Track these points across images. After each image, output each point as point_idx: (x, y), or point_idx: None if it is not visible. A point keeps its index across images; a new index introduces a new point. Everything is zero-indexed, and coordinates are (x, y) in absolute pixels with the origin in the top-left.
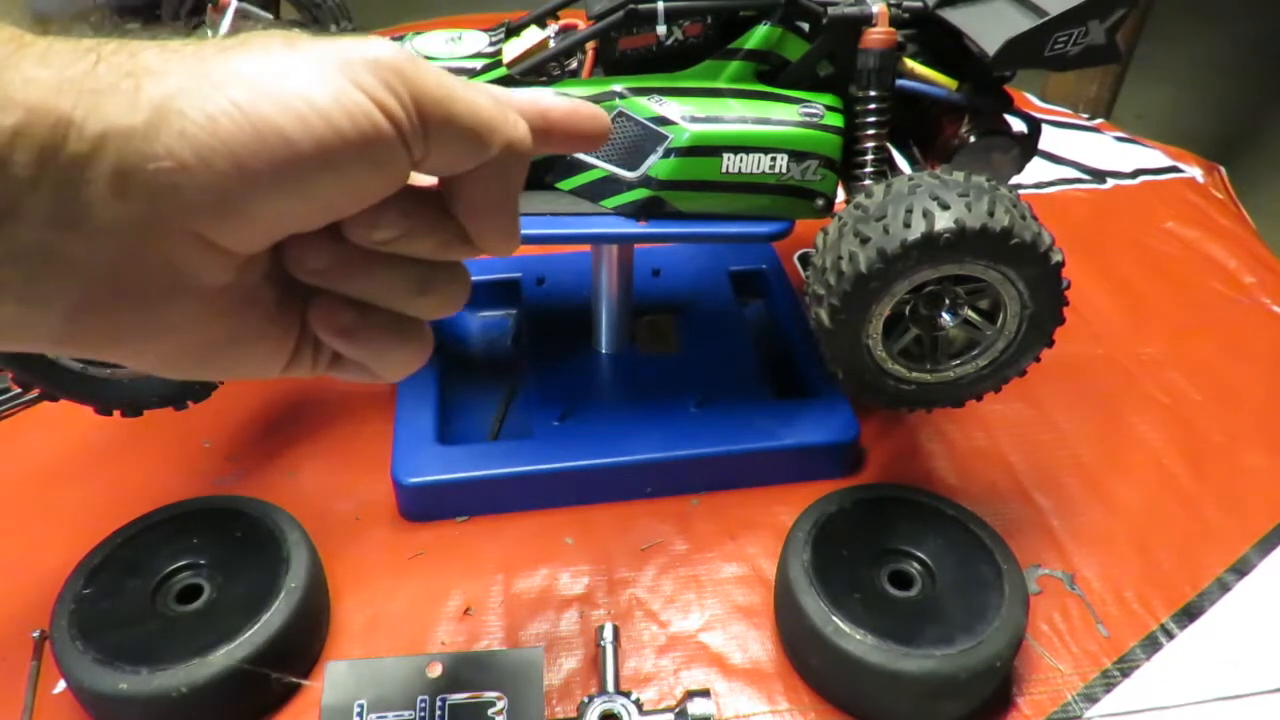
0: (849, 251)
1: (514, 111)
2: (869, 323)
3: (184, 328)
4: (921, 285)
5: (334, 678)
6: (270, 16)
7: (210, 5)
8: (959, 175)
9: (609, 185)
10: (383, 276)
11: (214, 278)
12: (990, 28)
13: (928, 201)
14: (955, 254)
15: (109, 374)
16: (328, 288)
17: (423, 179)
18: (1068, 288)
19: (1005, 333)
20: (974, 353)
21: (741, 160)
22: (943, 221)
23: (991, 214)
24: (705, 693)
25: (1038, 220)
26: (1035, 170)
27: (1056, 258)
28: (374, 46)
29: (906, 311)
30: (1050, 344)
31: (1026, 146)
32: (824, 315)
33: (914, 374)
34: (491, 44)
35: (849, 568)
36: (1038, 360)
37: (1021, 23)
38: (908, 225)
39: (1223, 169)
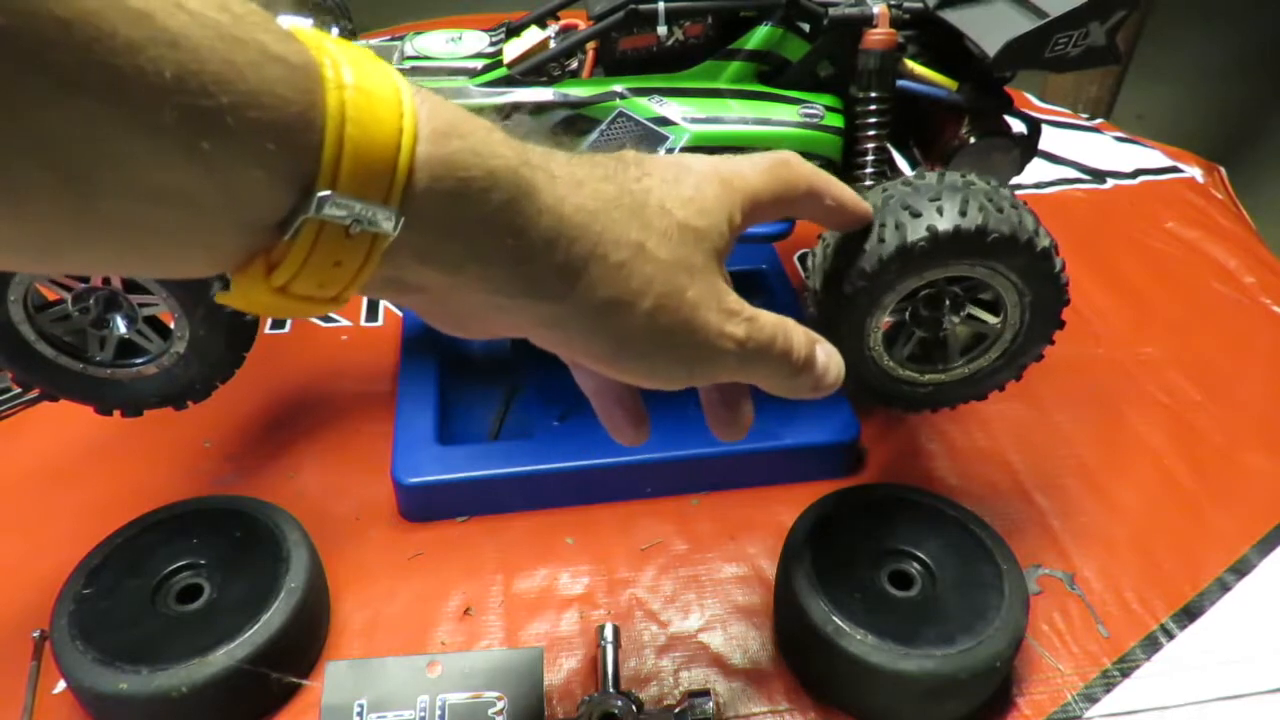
0: None
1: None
2: (867, 336)
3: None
4: (915, 291)
5: (334, 678)
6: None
7: None
8: (932, 178)
9: None
10: None
11: None
12: (990, 29)
13: (899, 213)
14: (935, 260)
15: (109, 374)
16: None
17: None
18: (1063, 269)
19: (1011, 322)
20: (984, 345)
21: None
22: (915, 232)
23: (964, 214)
24: (705, 693)
25: (1017, 210)
26: (1035, 170)
27: (1042, 243)
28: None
29: (907, 317)
30: (1061, 325)
31: (1026, 147)
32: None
33: (927, 376)
34: (491, 44)
35: (849, 568)
36: (1052, 343)
37: (1022, 24)
38: (882, 240)
39: (1223, 169)
